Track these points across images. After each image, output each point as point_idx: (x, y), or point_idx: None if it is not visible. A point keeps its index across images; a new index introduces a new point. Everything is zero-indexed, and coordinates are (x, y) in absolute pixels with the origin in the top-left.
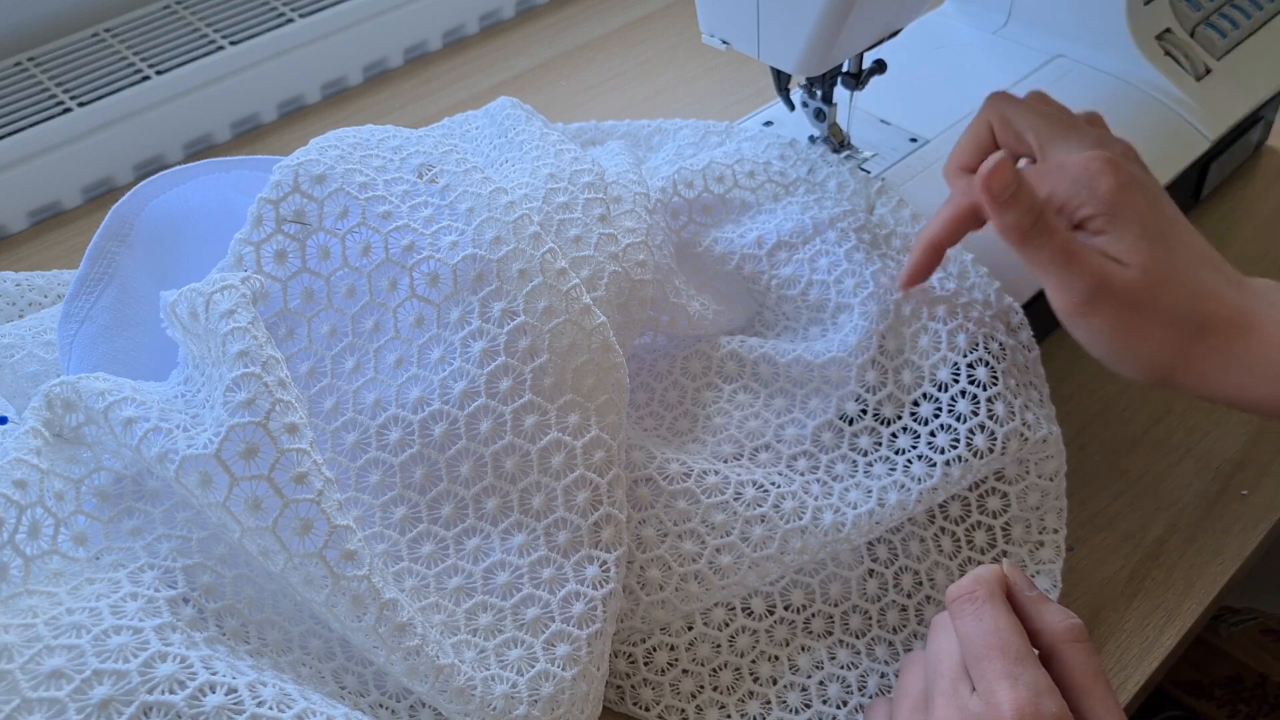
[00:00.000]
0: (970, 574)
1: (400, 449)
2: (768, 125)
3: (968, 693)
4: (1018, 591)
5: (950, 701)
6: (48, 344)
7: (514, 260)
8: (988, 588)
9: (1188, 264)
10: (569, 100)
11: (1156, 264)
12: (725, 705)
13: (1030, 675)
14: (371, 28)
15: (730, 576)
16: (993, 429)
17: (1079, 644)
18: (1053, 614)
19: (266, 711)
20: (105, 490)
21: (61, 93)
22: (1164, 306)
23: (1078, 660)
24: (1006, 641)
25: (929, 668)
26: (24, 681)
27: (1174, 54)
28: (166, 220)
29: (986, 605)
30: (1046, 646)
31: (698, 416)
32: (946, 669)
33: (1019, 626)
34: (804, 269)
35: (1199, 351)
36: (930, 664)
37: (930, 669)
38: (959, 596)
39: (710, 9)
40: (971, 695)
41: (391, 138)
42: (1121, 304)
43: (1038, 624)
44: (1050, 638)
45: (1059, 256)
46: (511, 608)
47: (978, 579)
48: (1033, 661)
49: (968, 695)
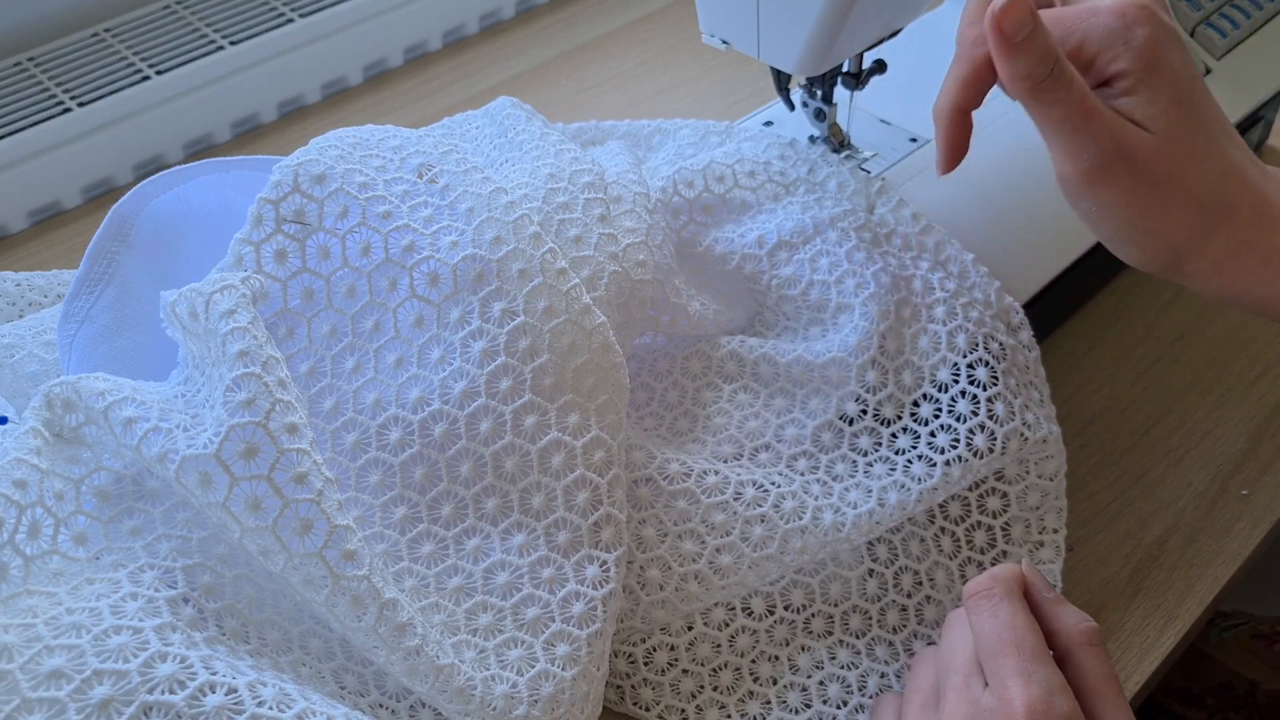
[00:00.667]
0: (988, 572)
1: (400, 449)
2: (768, 125)
3: (980, 688)
4: (1035, 592)
5: (962, 696)
6: (48, 344)
7: (514, 260)
8: (1005, 585)
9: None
10: (569, 100)
11: (1184, 133)
12: (725, 705)
13: (1044, 673)
14: (371, 28)
15: (730, 576)
16: (993, 429)
17: (1094, 647)
18: (1069, 616)
19: (266, 711)
20: (105, 490)
21: (61, 93)
22: (1187, 182)
23: (1092, 663)
24: (1021, 638)
25: (941, 663)
26: (24, 681)
27: None
28: (166, 220)
29: (1003, 602)
30: (1062, 648)
31: (698, 416)
32: (960, 664)
33: (1034, 625)
34: (804, 269)
35: (1218, 236)
36: (943, 659)
37: (943, 664)
38: (976, 593)
39: (710, 9)
40: (984, 691)
41: (391, 138)
42: (1139, 175)
43: (1054, 625)
44: (1066, 639)
45: (1074, 115)
46: (511, 608)
47: (995, 577)
48: (1047, 660)
49: (980, 691)
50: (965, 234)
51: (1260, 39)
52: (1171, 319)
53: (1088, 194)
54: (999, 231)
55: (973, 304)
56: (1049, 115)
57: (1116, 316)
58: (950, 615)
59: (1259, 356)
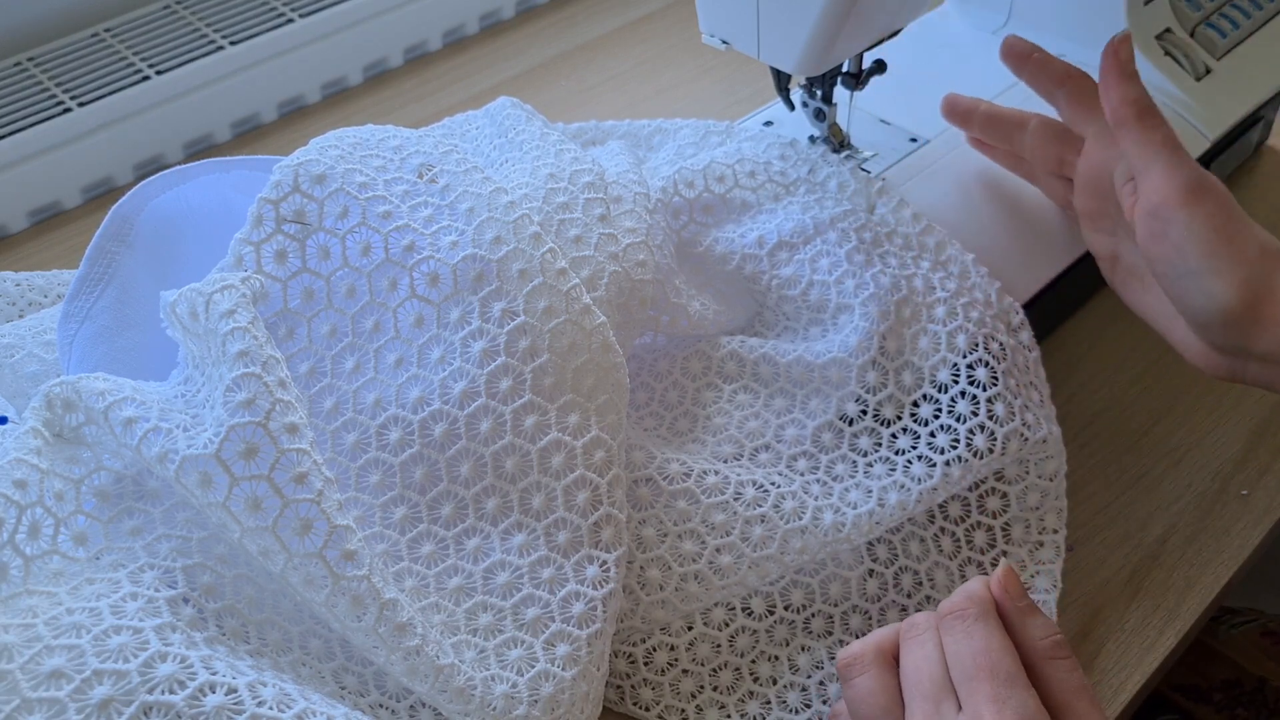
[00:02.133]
0: (962, 590)
1: (400, 449)
2: (768, 125)
3: (952, 712)
4: (1005, 603)
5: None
6: (48, 344)
7: (514, 260)
8: (980, 605)
9: None
10: (569, 100)
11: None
12: (725, 705)
13: (1018, 699)
14: (371, 28)
15: (730, 576)
16: (993, 429)
17: (1061, 660)
18: (1036, 629)
19: (266, 711)
20: (105, 490)
21: (61, 93)
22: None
23: (1060, 676)
24: (996, 663)
25: (905, 685)
26: (24, 681)
27: (1174, 54)
28: (166, 220)
29: (978, 624)
30: (1028, 661)
31: (698, 416)
32: (928, 688)
33: (1010, 646)
34: (805, 269)
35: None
36: (908, 681)
37: (908, 687)
38: (949, 613)
39: (710, 9)
40: (957, 716)
41: (391, 138)
42: (1223, 198)
43: (1020, 637)
44: (1032, 653)
45: (1172, 138)
46: (511, 608)
47: (970, 596)
48: (1023, 684)
49: (952, 715)
50: (965, 234)
51: (1260, 39)
52: None
53: (1184, 213)
54: (999, 231)
55: (973, 304)
56: (1152, 138)
57: (1116, 316)
58: (903, 626)
59: None
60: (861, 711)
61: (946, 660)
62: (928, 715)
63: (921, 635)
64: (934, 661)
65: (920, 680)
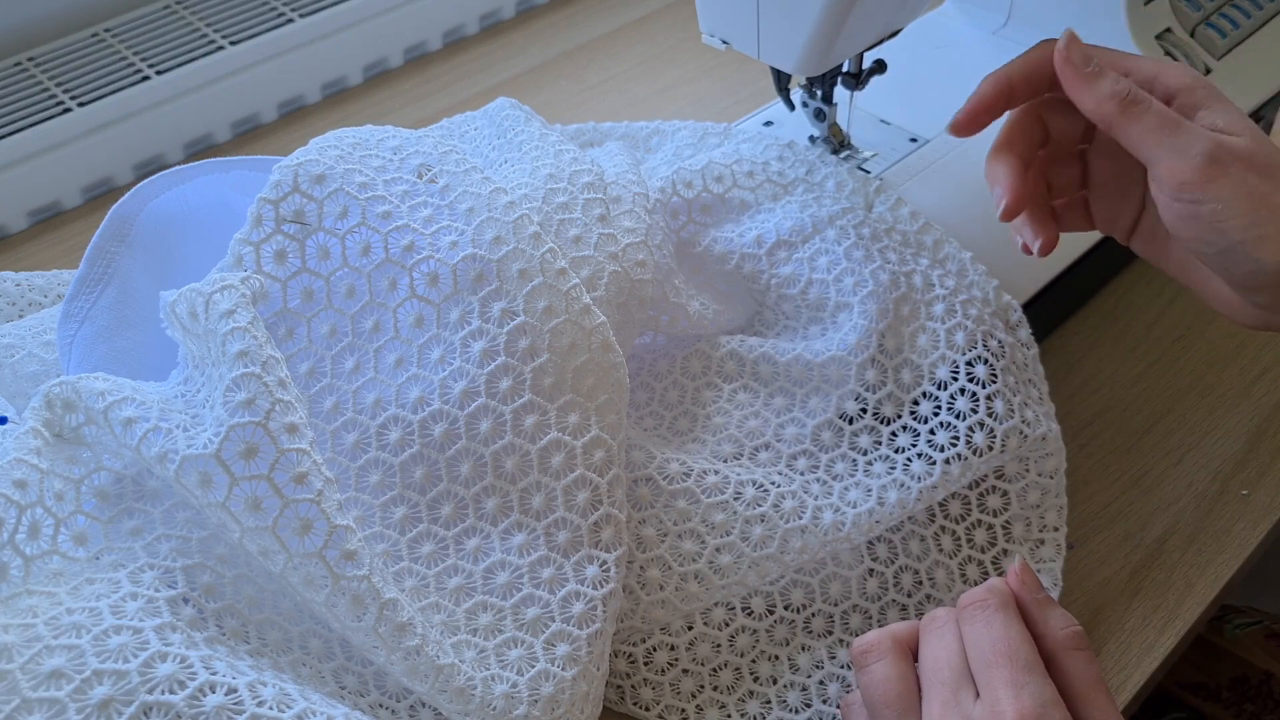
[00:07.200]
0: (985, 584)
1: (400, 449)
2: (768, 125)
3: (970, 700)
4: (1023, 594)
5: (951, 710)
6: (48, 344)
7: (514, 260)
8: (1001, 598)
9: None
10: (569, 100)
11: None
12: (725, 705)
13: (1036, 685)
14: (371, 28)
15: (730, 576)
16: (992, 426)
17: (1080, 651)
18: (1056, 619)
19: (266, 711)
20: (105, 490)
21: (61, 93)
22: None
23: (1078, 667)
24: (1015, 650)
25: (924, 674)
26: (24, 681)
27: (1174, 54)
28: (166, 220)
29: (998, 614)
30: (1047, 652)
31: (698, 416)
32: (947, 676)
33: (1028, 636)
34: (803, 268)
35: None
36: (926, 670)
37: (926, 675)
38: (969, 604)
39: (710, 9)
40: (975, 703)
41: (391, 138)
42: (1249, 164)
43: (1040, 628)
44: (1051, 644)
45: (1167, 120)
46: (511, 607)
47: (991, 589)
48: (1040, 672)
49: (971, 703)
50: (964, 233)
51: (1260, 39)
52: (1171, 319)
53: (1209, 190)
54: (998, 231)
55: (971, 302)
56: (1143, 126)
57: (1116, 316)
58: (924, 621)
59: (1259, 356)
60: (876, 697)
61: (965, 650)
62: (945, 702)
63: (941, 627)
64: (953, 651)
65: (939, 668)
